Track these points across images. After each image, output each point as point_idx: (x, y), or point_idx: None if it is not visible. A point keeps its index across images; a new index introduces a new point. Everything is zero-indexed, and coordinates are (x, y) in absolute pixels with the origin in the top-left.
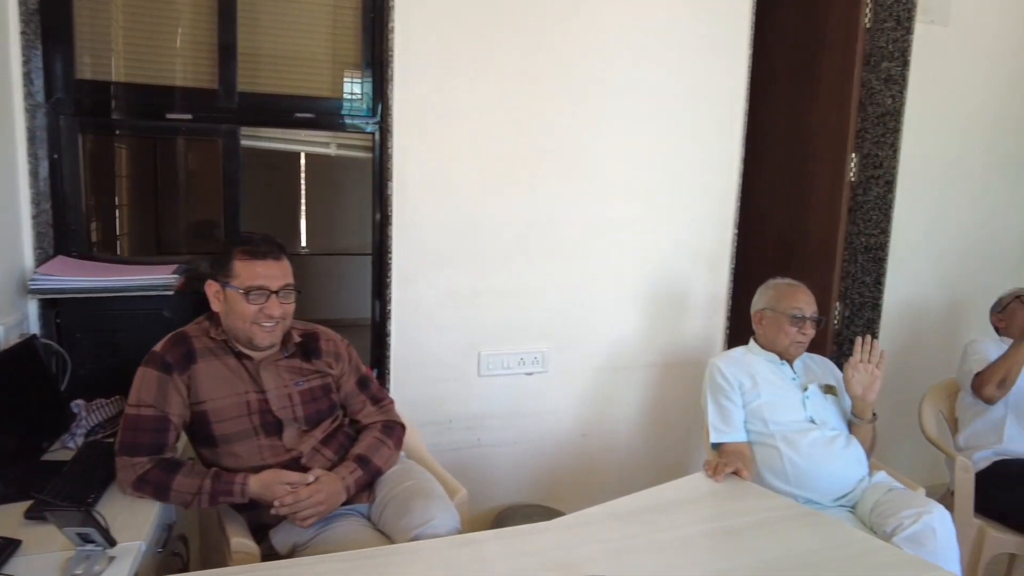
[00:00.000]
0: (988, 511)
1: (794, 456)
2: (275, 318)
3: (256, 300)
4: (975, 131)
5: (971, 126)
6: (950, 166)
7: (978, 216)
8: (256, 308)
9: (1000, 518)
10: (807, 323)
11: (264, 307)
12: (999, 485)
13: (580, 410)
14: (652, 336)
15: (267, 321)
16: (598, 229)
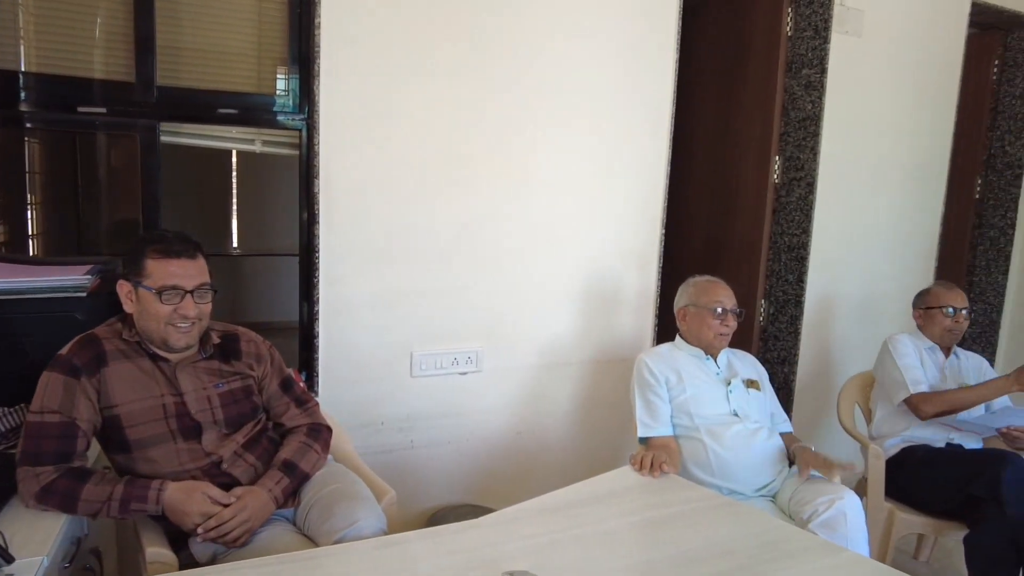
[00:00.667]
0: (897, 495)
1: (718, 448)
2: (190, 319)
3: (170, 300)
4: (887, 135)
5: (883, 130)
6: (865, 168)
7: (891, 216)
8: (170, 308)
9: (908, 501)
10: (728, 315)
11: (179, 307)
12: (906, 470)
13: (514, 408)
14: (584, 334)
15: (182, 322)
16: (532, 229)
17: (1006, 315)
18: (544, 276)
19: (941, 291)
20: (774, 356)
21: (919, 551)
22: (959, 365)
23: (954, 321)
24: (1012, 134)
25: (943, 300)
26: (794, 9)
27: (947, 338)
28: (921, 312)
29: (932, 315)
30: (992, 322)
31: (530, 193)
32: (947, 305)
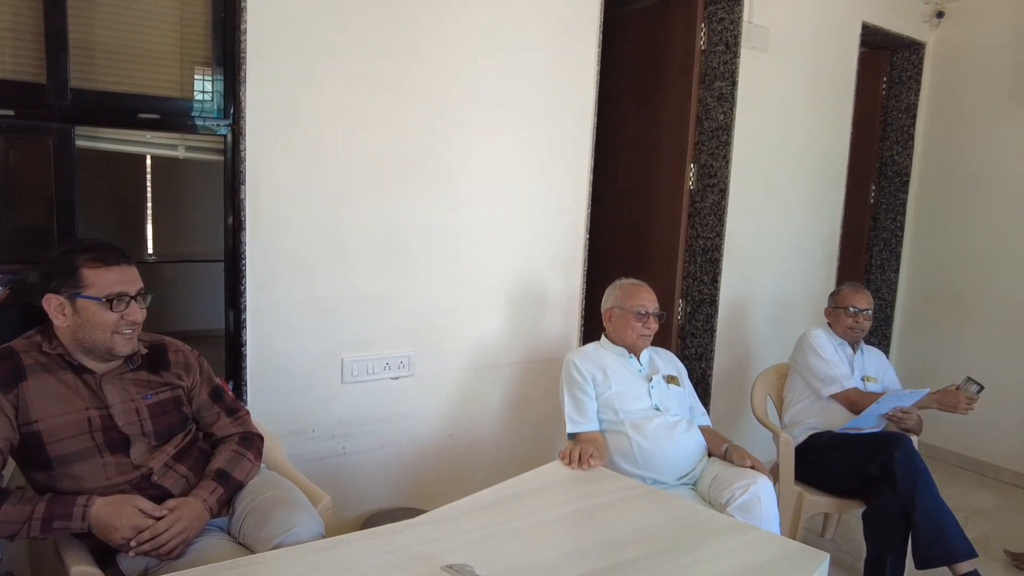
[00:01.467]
0: (805, 478)
1: (641, 441)
2: (138, 323)
3: (120, 307)
4: (791, 144)
5: (788, 140)
6: (772, 175)
7: (796, 219)
8: (117, 316)
9: (814, 483)
10: (651, 318)
11: (125, 313)
12: (813, 455)
13: (447, 411)
14: (514, 336)
15: (128, 328)
16: (461, 234)
17: (898, 310)
18: (474, 281)
19: (848, 292)
20: (692, 352)
21: (825, 529)
22: (864, 360)
23: (855, 320)
24: (899, 144)
25: (848, 300)
26: (707, 25)
27: (849, 335)
28: (830, 310)
29: (838, 314)
30: (887, 316)
31: (459, 200)
32: (850, 305)
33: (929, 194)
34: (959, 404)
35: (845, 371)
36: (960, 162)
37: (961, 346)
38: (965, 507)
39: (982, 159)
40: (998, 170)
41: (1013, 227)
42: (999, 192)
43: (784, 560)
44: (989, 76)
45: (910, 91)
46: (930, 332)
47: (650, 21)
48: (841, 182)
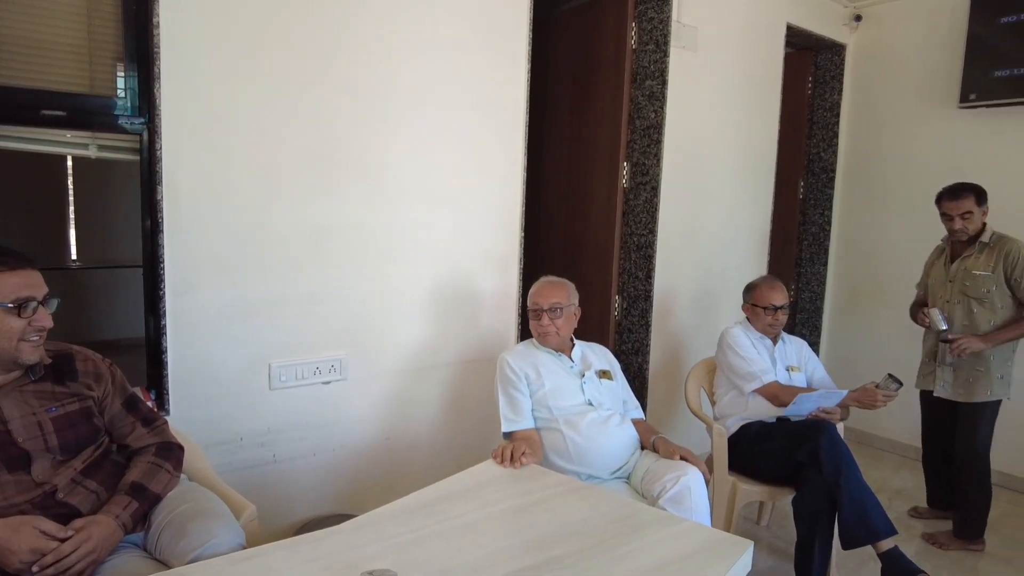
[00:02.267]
0: (738, 467)
1: (575, 437)
2: (45, 329)
3: (27, 312)
4: (721, 142)
5: (718, 138)
6: (703, 173)
7: (728, 215)
8: (24, 322)
9: (747, 472)
10: (543, 315)
11: (33, 319)
12: (744, 445)
13: (382, 414)
14: (450, 336)
15: (35, 334)
16: (393, 234)
17: (827, 301)
18: (408, 282)
19: (764, 290)
20: (629, 347)
21: (760, 516)
22: (785, 350)
23: (773, 317)
24: (825, 142)
25: (765, 299)
26: (638, 24)
27: (768, 331)
28: (748, 307)
29: (756, 311)
30: (816, 308)
31: (389, 198)
32: (768, 304)
33: (853, 189)
34: (876, 401)
35: (764, 366)
36: (880, 158)
37: (882, 334)
38: (888, 488)
39: (897, 156)
40: (910, 166)
41: (921, 221)
42: (911, 187)
43: (709, 549)
44: (902, 78)
45: (833, 90)
46: (856, 322)
47: (582, 20)
48: (770, 178)
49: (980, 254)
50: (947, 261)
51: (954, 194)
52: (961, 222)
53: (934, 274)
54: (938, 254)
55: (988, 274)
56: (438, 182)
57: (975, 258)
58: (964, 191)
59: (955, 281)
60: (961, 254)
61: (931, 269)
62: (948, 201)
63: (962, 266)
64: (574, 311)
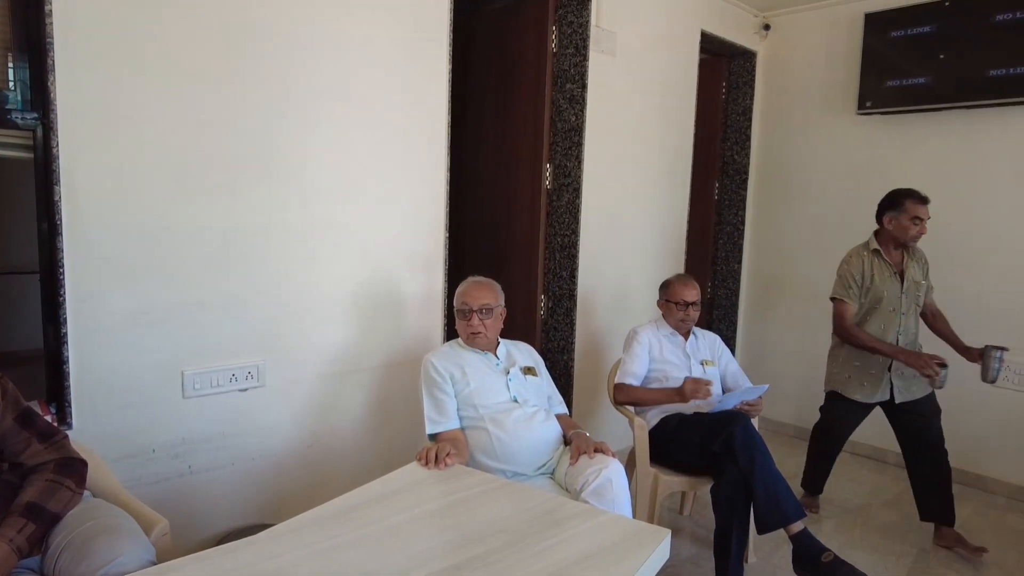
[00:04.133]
0: (659, 459)
1: (501, 434)
2: None
3: None
4: (639, 144)
5: (636, 140)
6: (622, 174)
7: (646, 215)
8: None
9: (668, 464)
10: (473, 315)
11: None
12: (664, 437)
13: (305, 420)
14: (374, 338)
15: None
16: (312, 233)
17: (742, 297)
18: (329, 283)
19: (677, 286)
20: (555, 346)
21: (683, 506)
22: (697, 345)
23: (685, 313)
24: (738, 145)
25: (677, 295)
26: (558, 28)
27: (681, 327)
28: (662, 303)
29: (669, 307)
30: (732, 304)
31: (307, 198)
32: (680, 300)
33: (765, 190)
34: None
35: (633, 368)
36: (788, 161)
37: (793, 327)
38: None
39: (804, 158)
40: (816, 169)
41: (825, 219)
42: (816, 188)
43: (628, 540)
44: (806, 85)
45: (746, 96)
46: (768, 316)
47: (504, 22)
48: (686, 180)
49: (914, 263)
50: (894, 272)
51: (925, 199)
52: (924, 227)
53: (886, 287)
54: (878, 264)
55: (925, 282)
56: (358, 180)
57: (912, 267)
58: (928, 199)
59: (909, 293)
60: (898, 262)
61: (876, 281)
62: (923, 205)
63: (909, 275)
64: (501, 312)
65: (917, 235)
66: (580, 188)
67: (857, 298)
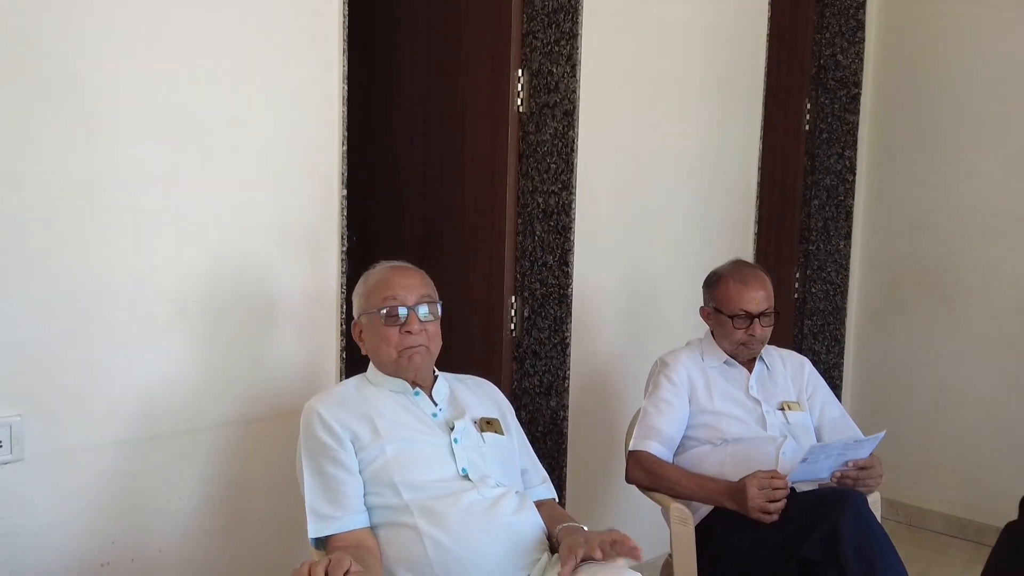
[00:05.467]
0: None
1: (441, 536)
2: None
3: None
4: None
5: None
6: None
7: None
8: None
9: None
10: (411, 316)
11: None
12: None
13: (93, 520)
14: (218, 374)
15: None
16: (104, 197)
17: (853, 295)
18: (132, 281)
19: (731, 284)
20: (535, 384)
21: None
22: (773, 377)
23: (748, 332)
24: (844, 36)
25: (733, 301)
26: None
27: (742, 352)
28: (708, 311)
29: (720, 320)
30: (836, 308)
31: (95, 136)
32: (739, 310)
33: (891, 115)
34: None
35: (658, 424)
36: (932, 64)
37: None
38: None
39: (959, 62)
40: (984, 77)
41: (996, 166)
42: (987, 112)
43: None
44: None
45: None
46: (899, 328)
47: None
48: (757, 99)
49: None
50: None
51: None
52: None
53: None
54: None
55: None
56: (188, 103)
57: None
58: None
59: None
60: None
61: None
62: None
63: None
64: None
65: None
66: (575, 112)
67: None
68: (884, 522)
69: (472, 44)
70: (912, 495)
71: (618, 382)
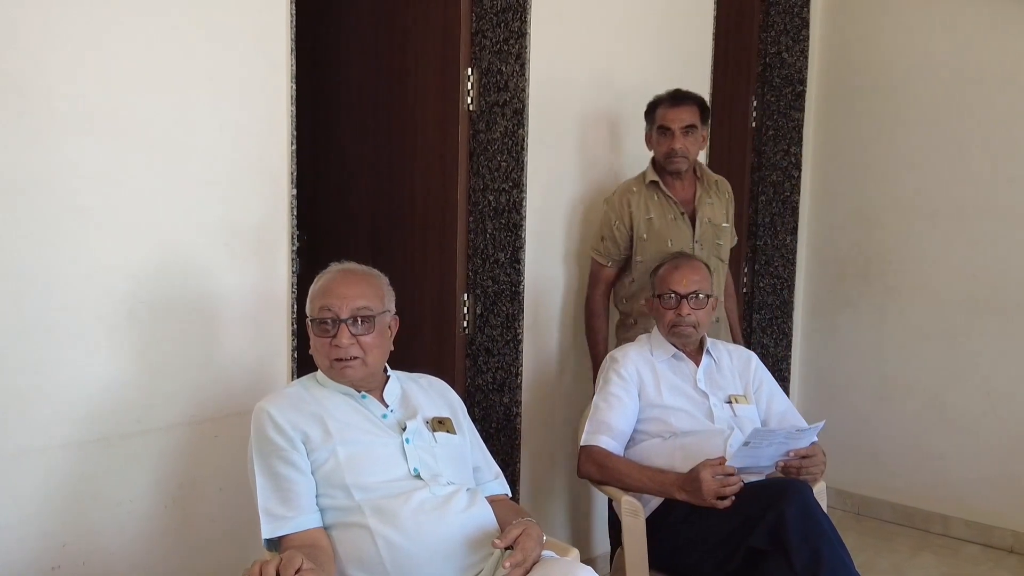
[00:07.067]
0: (663, 563)
1: (392, 535)
2: None
3: None
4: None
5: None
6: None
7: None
8: None
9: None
10: (341, 328)
11: None
12: (669, 527)
13: (42, 523)
14: (167, 376)
15: None
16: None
17: (800, 289)
18: (78, 280)
19: (666, 269)
20: (488, 380)
21: None
22: (720, 370)
23: (677, 312)
24: (789, 34)
25: (664, 284)
26: None
27: (677, 337)
28: (650, 300)
29: (656, 307)
30: (784, 301)
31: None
32: (668, 290)
33: (833, 113)
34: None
35: (608, 420)
36: (874, 62)
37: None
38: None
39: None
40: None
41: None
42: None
43: None
44: None
45: None
46: (843, 324)
47: None
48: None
49: (712, 197)
50: (681, 212)
51: (676, 98)
52: (683, 140)
53: (668, 232)
54: (652, 201)
55: (729, 225)
56: (119, 87)
57: (712, 204)
58: (688, 98)
59: (704, 241)
60: (686, 199)
61: (656, 228)
62: (670, 107)
63: (705, 216)
64: (390, 322)
65: (669, 152)
66: (525, 110)
67: (616, 256)
68: (831, 511)
69: (422, 43)
70: (858, 484)
71: (570, 378)
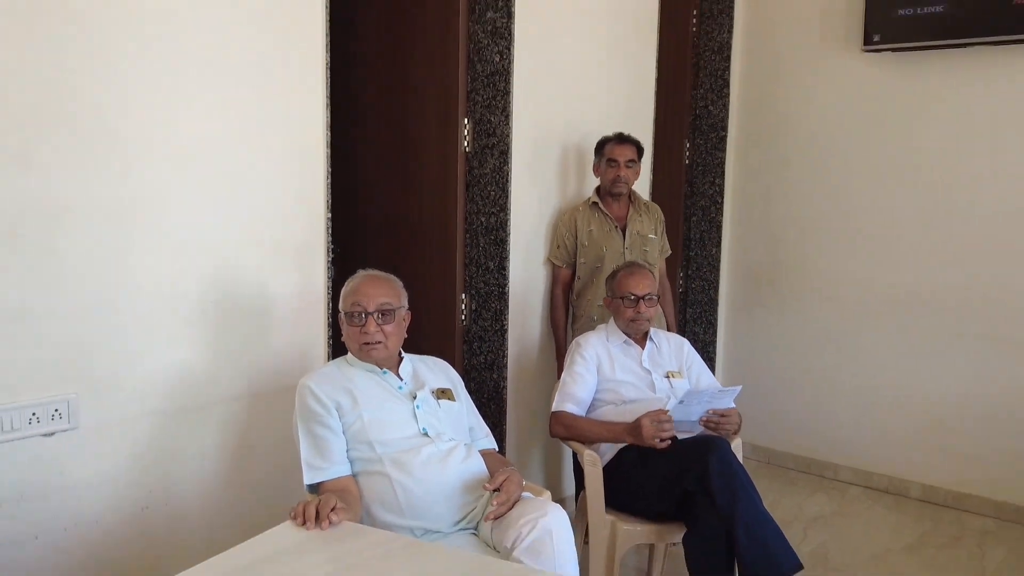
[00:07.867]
0: (619, 504)
1: (406, 481)
2: None
3: None
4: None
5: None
6: (562, 132)
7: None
8: None
9: (629, 509)
10: (368, 319)
11: None
12: (622, 474)
13: (135, 474)
14: (230, 359)
15: None
16: (133, 216)
17: (723, 291)
18: (159, 285)
19: (623, 276)
20: (481, 361)
21: (652, 565)
22: (659, 352)
23: (635, 310)
24: (714, 92)
25: (623, 287)
26: None
27: (633, 328)
28: (608, 300)
29: (616, 305)
30: (711, 300)
31: (127, 168)
32: (628, 293)
33: (748, 153)
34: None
35: (574, 392)
36: (776, 115)
37: (790, 328)
38: (804, 516)
39: (798, 109)
40: (813, 121)
41: (819, 189)
42: (815, 146)
43: None
44: (801, 14)
45: (723, 27)
46: (756, 315)
47: None
48: (647, 140)
49: (642, 216)
50: (615, 225)
51: (621, 139)
52: (626, 170)
53: (605, 242)
54: (593, 217)
55: (656, 238)
56: (199, 141)
57: (641, 220)
58: (630, 139)
59: (633, 249)
60: (620, 216)
61: (595, 236)
62: (620, 146)
63: (634, 229)
64: (404, 315)
65: (615, 179)
66: (509, 151)
67: (567, 259)
68: (746, 461)
69: (428, 99)
70: (769, 440)
71: (544, 359)
